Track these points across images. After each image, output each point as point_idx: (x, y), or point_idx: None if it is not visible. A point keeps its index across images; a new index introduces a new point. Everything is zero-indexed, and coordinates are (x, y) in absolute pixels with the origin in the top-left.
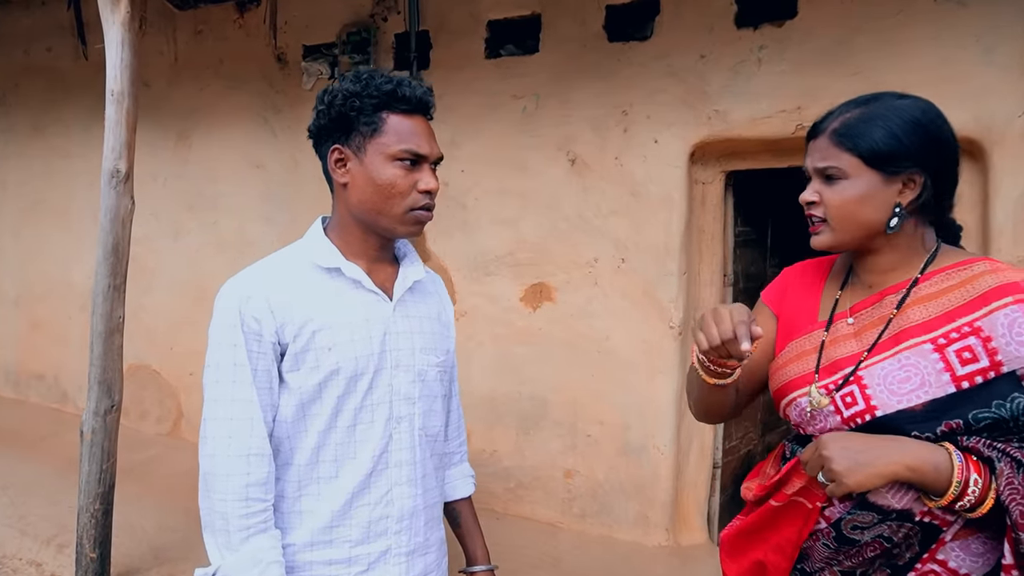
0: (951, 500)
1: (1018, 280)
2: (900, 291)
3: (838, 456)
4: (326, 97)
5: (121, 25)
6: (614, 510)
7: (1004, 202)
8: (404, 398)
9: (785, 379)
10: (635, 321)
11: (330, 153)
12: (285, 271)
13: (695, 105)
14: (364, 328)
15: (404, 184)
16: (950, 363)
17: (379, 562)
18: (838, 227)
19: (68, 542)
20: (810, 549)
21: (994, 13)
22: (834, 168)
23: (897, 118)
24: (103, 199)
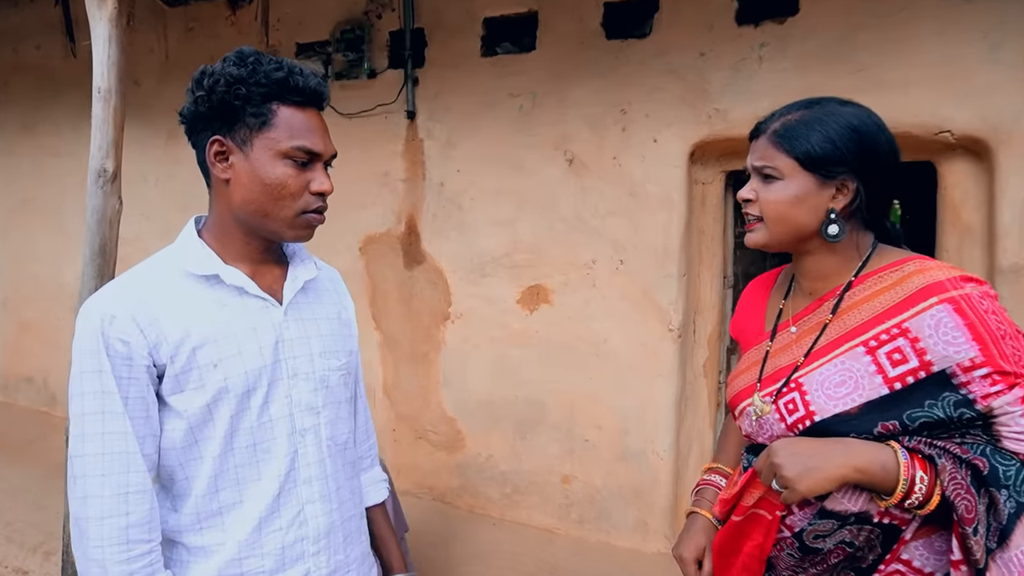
0: (900, 498)
1: (943, 280)
2: (835, 296)
3: (788, 463)
4: (206, 80)
5: (108, 21)
6: (612, 516)
7: (1011, 202)
8: (307, 408)
9: (735, 391)
10: (634, 323)
11: (209, 144)
12: (154, 282)
13: (695, 104)
14: (252, 338)
15: (295, 184)
16: (881, 365)
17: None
18: (771, 226)
19: (55, 549)
20: (776, 559)
21: (1001, 9)
22: (771, 168)
23: (835, 124)
24: (89, 199)
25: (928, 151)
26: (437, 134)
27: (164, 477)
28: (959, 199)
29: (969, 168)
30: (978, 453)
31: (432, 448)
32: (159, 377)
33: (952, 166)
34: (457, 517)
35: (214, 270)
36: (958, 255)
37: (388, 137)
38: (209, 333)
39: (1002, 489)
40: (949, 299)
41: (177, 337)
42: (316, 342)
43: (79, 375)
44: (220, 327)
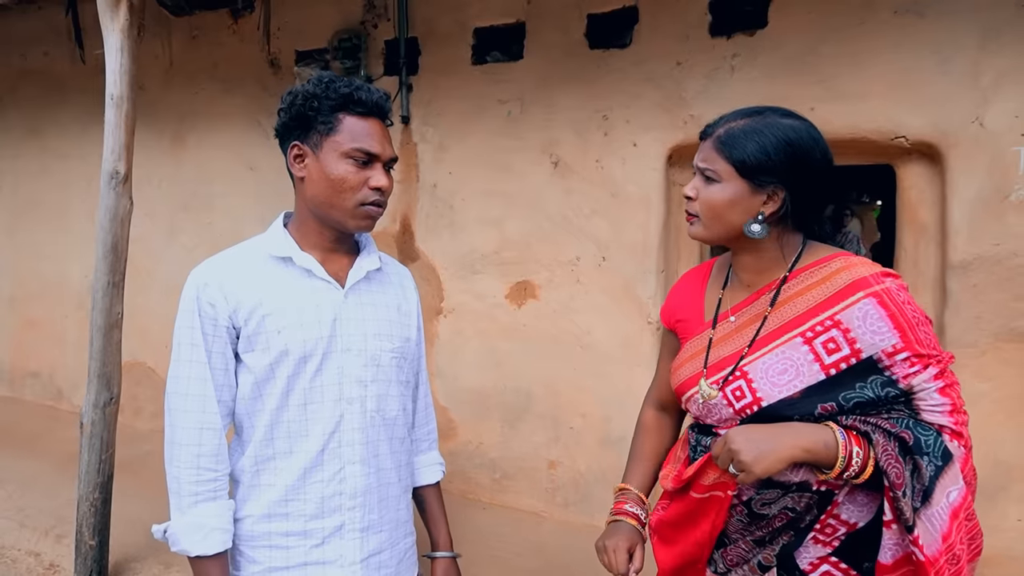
0: (839, 472)
1: (867, 276)
2: (772, 290)
3: (745, 448)
4: (288, 98)
5: (120, 32)
6: (595, 499)
7: (960, 202)
8: (355, 381)
9: (681, 379)
10: (615, 317)
11: (290, 149)
12: (241, 260)
13: (672, 110)
14: (313, 313)
15: (355, 180)
16: (818, 354)
17: (333, 536)
18: (707, 223)
19: (66, 533)
20: (726, 525)
21: (950, 26)
22: (711, 171)
23: (772, 136)
24: (102, 199)
25: (887, 155)
26: (430, 138)
27: (236, 424)
28: (915, 199)
29: (924, 171)
30: (904, 427)
31: None
32: (236, 337)
33: (909, 169)
34: (449, 501)
35: (288, 253)
36: (915, 251)
37: None
38: (277, 304)
39: (924, 456)
40: (873, 293)
41: (251, 305)
42: (372, 324)
43: (178, 329)
44: (287, 300)
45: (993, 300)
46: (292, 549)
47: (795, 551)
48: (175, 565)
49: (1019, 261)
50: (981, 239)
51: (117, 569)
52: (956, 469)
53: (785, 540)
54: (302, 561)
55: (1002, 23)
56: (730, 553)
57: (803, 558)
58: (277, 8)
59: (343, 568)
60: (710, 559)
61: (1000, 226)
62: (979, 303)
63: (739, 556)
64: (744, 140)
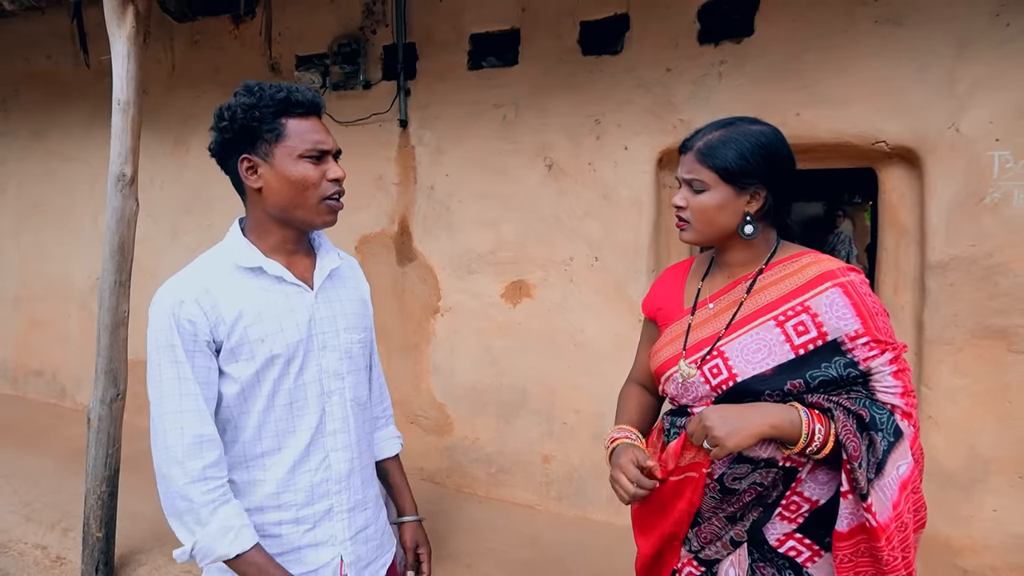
0: (802, 448)
1: (834, 268)
2: (749, 279)
3: (719, 424)
4: (226, 113)
5: (127, 39)
6: (588, 492)
7: (938, 205)
8: (333, 374)
9: (661, 360)
10: (608, 315)
11: (240, 163)
12: (211, 275)
13: (662, 115)
14: (290, 317)
15: (315, 176)
16: (789, 335)
17: (324, 519)
18: (699, 227)
19: (72, 526)
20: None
21: (927, 36)
22: (698, 181)
23: (747, 142)
24: (109, 201)
25: (869, 159)
26: (427, 141)
27: (219, 427)
28: (896, 202)
29: (904, 174)
30: (861, 405)
31: (423, 432)
32: (217, 351)
33: (890, 172)
34: (446, 496)
35: (258, 263)
36: (896, 252)
37: (382, 144)
38: (257, 314)
39: (878, 432)
40: (840, 284)
41: (232, 318)
42: (341, 319)
43: (156, 350)
44: (265, 309)
45: (969, 299)
46: (285, 536)
47: (763, 526)
48: None
49: (994, 261)
50: (958, 240)
51: (123, 561)
52: (906, 446)
53: (754, 516)
54: (296, 546)
55: (976, 33)
56: (704, 531)
57: (771, 534)
58: (278, 14)
59: (334, 547)
60: (685, 538)
61: (976, 228)
62: (956, 301)
63: (712, 533)
64: (723, 149)
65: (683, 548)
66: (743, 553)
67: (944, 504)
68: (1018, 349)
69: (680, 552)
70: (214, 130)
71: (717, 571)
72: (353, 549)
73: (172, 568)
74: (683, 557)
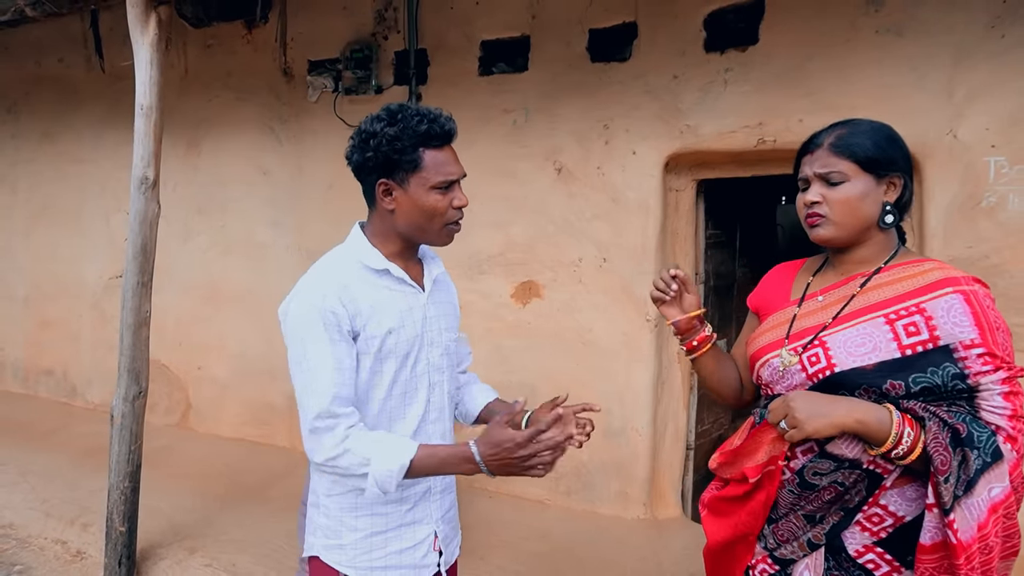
0: (888, 448)
1: (959, 276)
2: (864, 277)
3: (801, 406)
4: (372, 142)
5: (150, 46)
6: (597, 487)
7: (936, 209)
8: (436, 368)
9: (760, 344)
10: (615, 315)
11: (378, 186)
12: (346, 272)
13: (669, 120)
14: (409, 315)
15: (442, 206)
16: (898, 334)
17: (423, 499)
18: (840, 220)
19: (91, 522)
20: (778, 499)
21: (927, 44)
22: (836, 172)
23: (878, 133)
24: (132, 203)
25: None
26: None
27: None
28: None
29: None
30: (960, 420)
31: None
32: (354, 339)
33: None
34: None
35: (384, 266)
36: None
37: None
38: (385, 310)
39: (974, 450)
40: (962, 291)
41: (367, 311)
42: (443, 320)
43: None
44: (391, 306)
45: None
46: (391, 515)
47: (842, 532)
48: (199, 551)
49: (990, 263)
50: (955, 242)
51: (144, 555)
52: (1004, 469)
53: (834, 520)
54: (398, 523)
55: (973, 44)
56: (781, 528)
57: (850, 543)
58: (291, 20)
59: (428, 525)
60: (761, 534)
61: (972, 231)
62: None
63: (790, 532)
64: (858, 138)
65: (758, 544)
66: (819, 557)
67: None
68: (1015, 348)
69: (755, 548)
70: (356, 150)
71: (792, 572)
72: (443, 527)
73: (192, 561)
74: (758, 554)
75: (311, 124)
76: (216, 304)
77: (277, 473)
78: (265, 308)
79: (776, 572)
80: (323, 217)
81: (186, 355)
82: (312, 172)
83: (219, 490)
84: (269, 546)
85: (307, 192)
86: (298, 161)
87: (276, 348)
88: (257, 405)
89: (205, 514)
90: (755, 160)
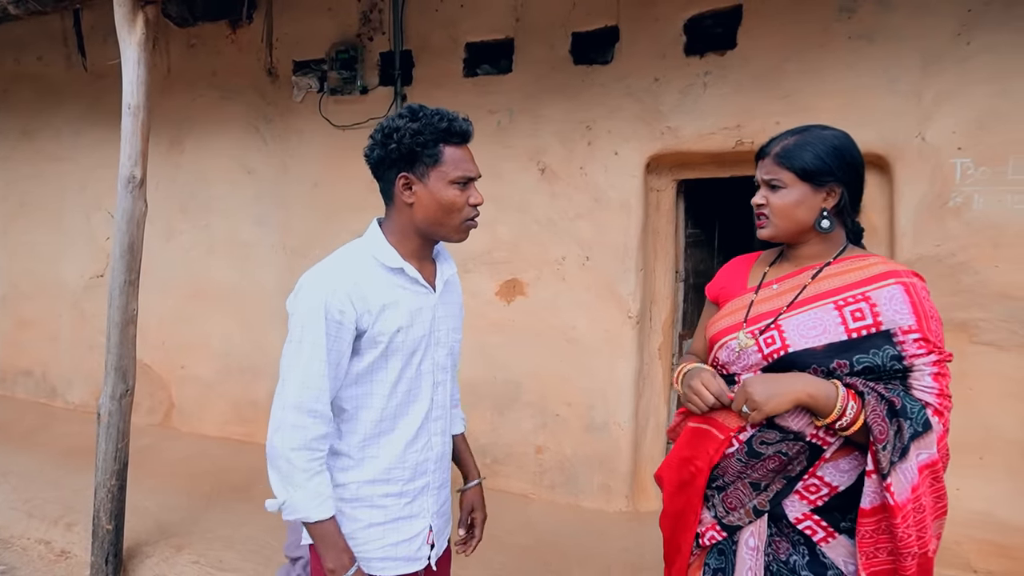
0: (834, 419)
1: (900, 269)
2: (816, 268)
3: (759, 390)
4: (395, 135)
5: (137, 45)
6: (580, 481)
7: (906, 208)
8: (441, 368)
9: (719, 328)
10: (598, 312)
11: (398, 179)
12: (360, 269)
13: (650, 122)
14: (419, 315)
15: (460, 201)
16: (845, 319)
17: (421, 494)
18: (777, 222)
19: (76, 521)
20: (725, 467)
21: (896, 50)
22: (776, 180)
23: (822, 144)
24: (119, 202)
25: None
26: None
27: (348, 411)
28: (867, 204)
29: (875, 179)
30: (895, 394)
31: None
32: (358, 336)
33: None
34: None
35: (399, 264)
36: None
37: None
38: (397, 308)
39: (907, 420)
40: (903, 282)
41: (377, 309)
42: (450, 320)
43: (301, 327)
44: (403, 305)
45: (935, 294)
46: (389, 508)
47: (784, 500)
48: (186, 548)
49: (956, 260)
50: (924, 240)
51: (131, 553)
52: (932, 438)
53: (777, 488)
54: (396, 516)
55: (940, 51)
56: (730, 496)
57: (790, 511)
58: (276, 20)
59: (424, 519)
60: (711, 503)
61: (940, 229)
62: None
63: (737, 499)
64: (799, 151)
65: (708, 513)
66: (763, 524)
67: None
68: (978, 341)
69: (702, 514)
70: (377, 145)
71: (738, 538)
72: (437, 521)
73: (179, 559)
74: (707, 522)
75: (296, 124)
76: (200, 303)
77: (261, 471)
78: (250, 306)
79: (724, 539)
80: (308, 216)
81: (169, 354)
82: (297, 171)
83: (205, 488)
84: (256, 542)
85: (292, 191)
86: (283, 160)
87: (261, 346)
88: (242, 404)
89: (191, 512)
90: (733, 161)
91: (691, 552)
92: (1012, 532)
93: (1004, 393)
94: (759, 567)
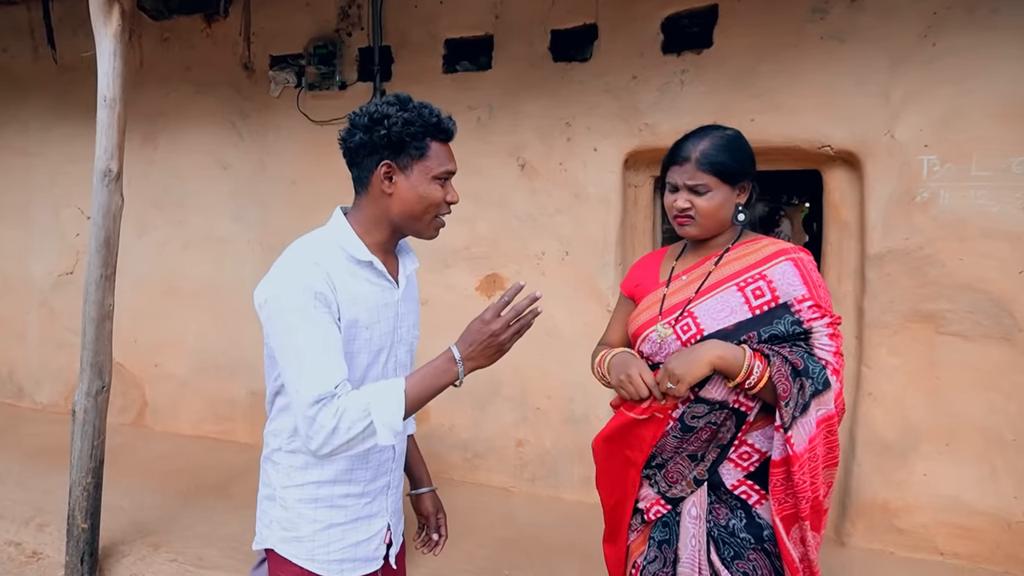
0: (743, 379)
1: (788, 247)
2: (717, 256)
3: (675, 364)
4: (386, 121)
5: (113, 37)
6: (560, 473)
7: (876, 203)
8: (402, 365)
9: (639, 323)
10: (577, 306)
11: (379, 167)
12: (329, 261)
13: (628, 119)
14: (384, 311)
15: (439, 197)
16: (748, 298)
17: (381, 493)
18: (705, 223)
19: (48, 522)
20: (663, 445)
21: (866, 50)
22: (702, 185)
23: (733, 146)
24: (95, 196)
25: (815, 161)
26: None
27: None
28: (838, 200)
29: (846, 175)
30: (798, 356)
31: None
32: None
33: (833, 174)
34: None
35: (368, 258)
36: (838, 245)
37: None
38: (363, 304)
39: (808, 379)
40: (791, 259)
41: (348, 301)
42: (411, 317)
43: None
44: (371, 300)
45: (903, 287)
46: (350, 508)
47: (720, 469)
48: (163, 546)
49: (924, 253)
50: (893, 234)
51: (106, 552)
52: (830, 396)
53: (713, 456)
54: (356, 516)
55: (907, 51)
56: (671, 471)
57: (727, 478)
58: (253, 14)
59: (383, 518)
60: (653, 480)
61: (908, 224)
62: (892, 289)
63: (678, 473)
64: (719, 155)
65: (652, 490)
66: (703, 493)
67: (882, 471)
68: (945, 331)
69: (645, 491)
70: (360, 129)
71: (681, 509)
72: (394, 519)
73: (157, 557)
74: (651, 498)
75: (273, 119)
76: (174, 300)
77: (239, 469)
78: (226, 303)
79: (669, 511)
80: (286, 212)
81: (142, 352)
82: (275, 167)
83: (181, 487)
84: (236, 540)
85: (269, 187)
86: (260, 156)
87: (237, 343)
88: (217, 401)
89: (168, 511)
90: None
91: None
92: (977, 516)
93: (970, 382)
94: (702, 534)
